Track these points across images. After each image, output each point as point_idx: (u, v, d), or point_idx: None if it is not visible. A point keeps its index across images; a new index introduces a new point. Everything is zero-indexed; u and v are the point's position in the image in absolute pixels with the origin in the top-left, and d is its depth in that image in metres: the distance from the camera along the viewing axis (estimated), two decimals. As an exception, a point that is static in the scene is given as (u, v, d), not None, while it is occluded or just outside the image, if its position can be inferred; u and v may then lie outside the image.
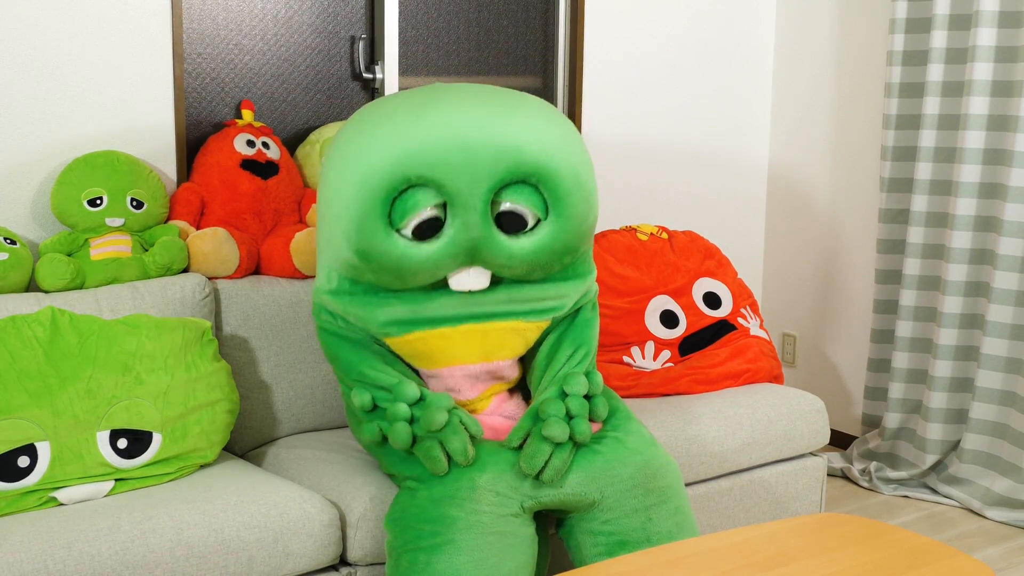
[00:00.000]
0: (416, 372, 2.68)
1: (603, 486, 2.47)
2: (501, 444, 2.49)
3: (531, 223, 2.48)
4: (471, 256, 2.46)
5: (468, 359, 2.55)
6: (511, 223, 2.47)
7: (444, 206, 2.42)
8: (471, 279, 2.51)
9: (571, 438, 2.45)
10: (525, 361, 2.74)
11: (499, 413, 2.64)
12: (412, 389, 2.43)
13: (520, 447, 2.46)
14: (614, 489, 2.48)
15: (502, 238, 2.46)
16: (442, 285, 2.54)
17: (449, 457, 2.41)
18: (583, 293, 2.67)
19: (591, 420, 2.52)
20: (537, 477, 2.42)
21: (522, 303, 2.57)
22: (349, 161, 2.44)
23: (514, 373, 2.67)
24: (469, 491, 2.36)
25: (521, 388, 2.77)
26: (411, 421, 2.42)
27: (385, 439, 2.51)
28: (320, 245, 2.59)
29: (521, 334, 2.59)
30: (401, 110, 2.44)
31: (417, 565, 2.33)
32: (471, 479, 2.37)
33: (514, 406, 2.66)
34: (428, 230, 2.42)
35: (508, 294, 2.55)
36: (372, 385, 2.52)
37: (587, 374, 2.57)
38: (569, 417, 2.45)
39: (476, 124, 2.40)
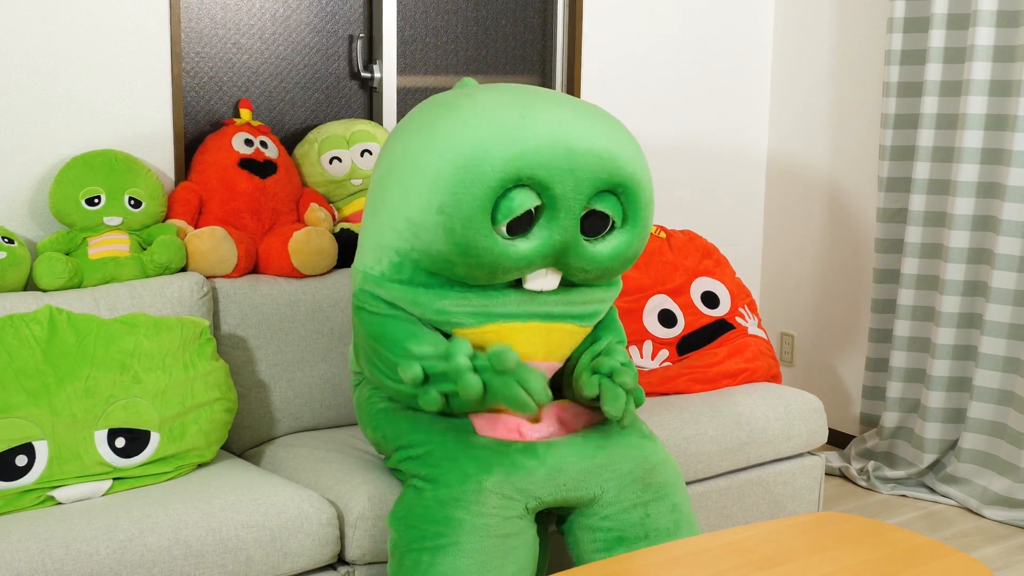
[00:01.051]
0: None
1: (603, 480, 2.49)
2: (511, 442, 2.47)
3: (606, 230, 2.56)
4: (557, 258, 2.51)
5: (535, 355, 2.58)
6: (593, 226, 2.53)
7: (539, 207, 2.46)
8: (547, 280, 2.55)
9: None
10: None
11: (553, 414, 2.64)
12: (466, 343, 2.41)
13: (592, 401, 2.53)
14: (614, 483, 2.49)
15: (584, 243, 2.52)
16: (513, 282, 2.57)
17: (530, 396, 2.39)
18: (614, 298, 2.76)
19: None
20: (620, 420, 2.46)
21: (575, 305, 2.61)
22: (452, 154, 2.40)
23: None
24: (476, 494, 2.36)
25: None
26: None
27: (447, 401, 2.47)
28: (379, 225, 2.54)
29: (573, 337, 2.63)
30: (503, 107, 2.46)
31: (420, 566, 2.33)
32: (478, 481, 2.37)
33: (548, 410, 2.66)
34: (521, 226, 2.46)
35: (566, 296, 2.60)
36: (421, 356, 2.47)
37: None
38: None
39: (578, 130, 2.46)
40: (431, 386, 2.44)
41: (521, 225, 2.44)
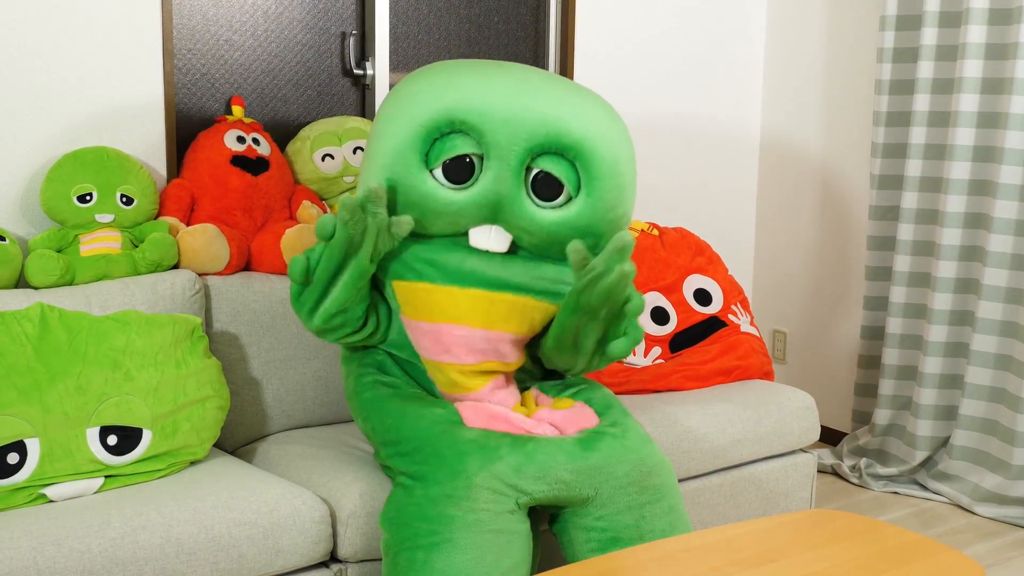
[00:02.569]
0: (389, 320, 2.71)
1: (598, 483, 2.47)
2: (500, 435, 2.47)
3: (563, 199, 2.55)
4: (495, 212, 2.54)
5: (468, 321, 2.58)
6: (544, 189, 2.54)
7: (481, 158, 2.52)
8: (491, 239, 2.57)
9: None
10: (530, 348, 2.75)
11: (492, 400, 2.63)
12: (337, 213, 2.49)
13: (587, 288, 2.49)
14: (608, 486, 2.48)
15: (529, 203, 2.54)
16: (462, 240, 2.59)
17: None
18: None
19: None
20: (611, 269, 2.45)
21: (537, 280, 2.61)
22: (400, 102, 2.54)
23: (513, 357, 2.66)
24: (466, 489, 2.36)
25: (516, 380, 2.77)
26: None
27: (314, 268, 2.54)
28: (360, 179, 2.66)
29: (528, 313, 2.61)
30: (465, 68, 2.56)
31: (415, 564, 2.33)
32: (468, 477, 2.37)
33: (507, 394, 2.65)
34: (459, 172, 2.51)
35: (526, 268, 2.60)
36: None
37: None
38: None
39: (531, 92, 2.51)
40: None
41: (460, 173, 2.51)
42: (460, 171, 2.51)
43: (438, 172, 2.52)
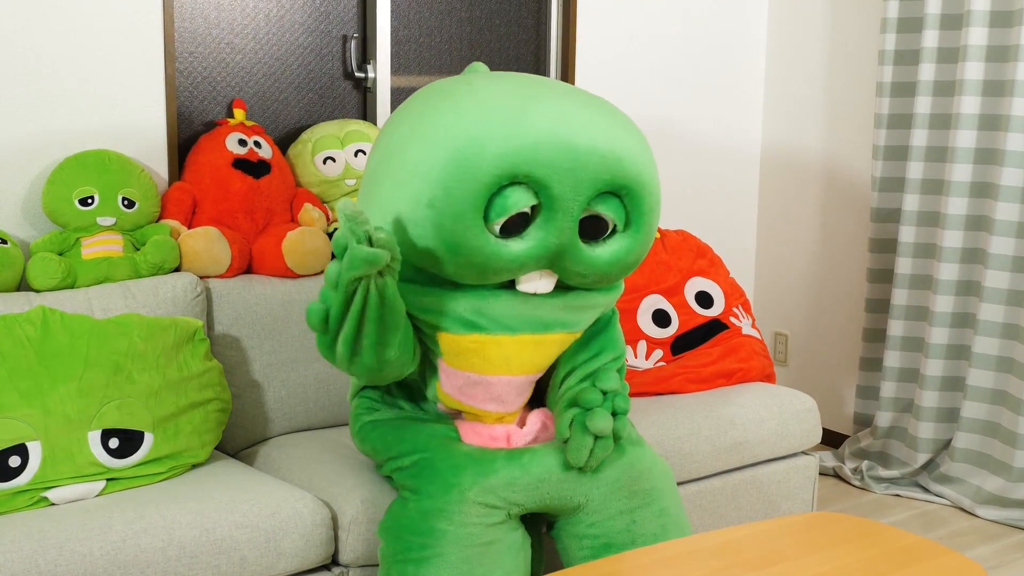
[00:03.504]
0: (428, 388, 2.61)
1: (588, 490, 2.46)
2: (495, 451, 2.46)
3: (607, 233, 2.44)
4: (553, 260, 2.39)
5: (517, 369, 2.50)
6: (593, 230, 2.41)
7: (535, 207, 2.34)
8: (541, 283, 2.44)
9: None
10: None
11: (529, 423, 2.61)
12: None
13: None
14: (599, 492, 2.46)
15: (583, 246, 2.40)
16: (507, 283, 2.45)
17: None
18: (613, 304, 2.66)
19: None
20: (581, 469, 2.42)
21: (571, 311, 2.51)
22: (444, 140, 2.29)
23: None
24: (458, 504, 2.35)
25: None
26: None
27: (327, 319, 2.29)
28: (370, 216, 2.43)
29: (562, 345, 2.55)
30: (504, 97, 2.33)
31: None
32: (460, 492, 2.36)
33: (535, 417, 2.64)
34: (516, 225, 2.34)
35: (562, 300, 2.49)
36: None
37: (619, 372, 2.58)
38: (613, 414, 2.43)
39: (583, 129, 2.32)
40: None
41: (516, 225, 2.33)
42: (518, 224, 2.33)
43: (496, 227, 2.31)
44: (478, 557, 2.34)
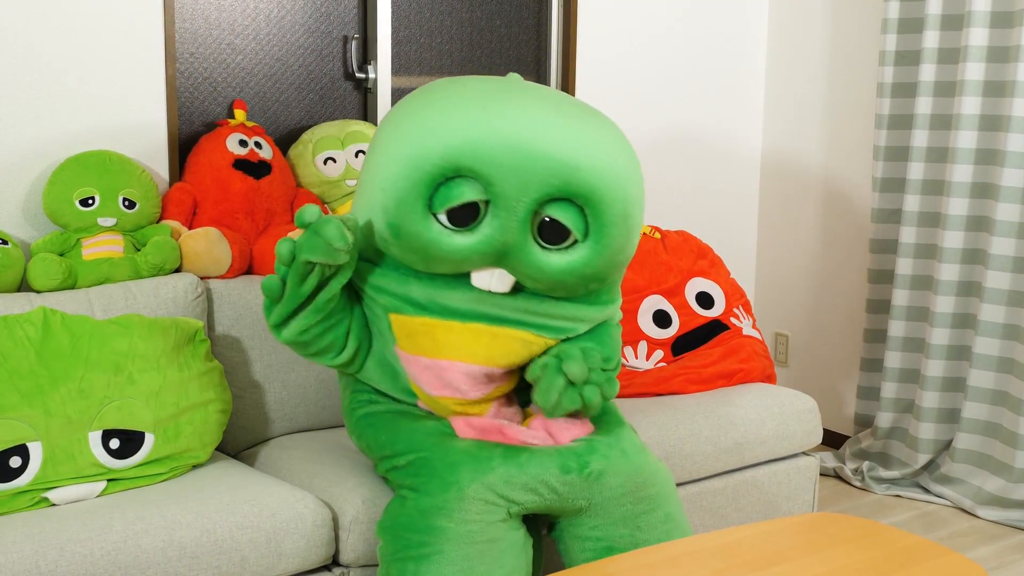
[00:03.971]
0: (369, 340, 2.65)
1: (591, 495, 2.45)
2: (492, 446, 2.47)
3: (568, 241, 2.43)
4: (500, 258, 2.42)
5: (470, 358, 2.51)
6: (551, 234, 2.41)
7: (487, 202, 2.38)
8: (494, 280, 2.46)
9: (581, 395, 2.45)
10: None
11: (500, 417, 2.61)
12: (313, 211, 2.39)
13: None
14: (602, 497, 2.46)
15: (535, 249, 2.41)
16: (463, 276, 2.49)
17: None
18: (602, 320, 2.62)
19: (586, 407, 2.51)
20: (550, 410, 2.43)
21: (536, 316, 2.52)
22: (404, 136, 2.39)
23: (513, 380, 2.64)
24: (457, 501, 2.35)
25: (518, 394, 2.75)
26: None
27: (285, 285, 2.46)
28: (358, 205, 2.55)
29: (527, 346, 2.54)
30: (468, 98, 2.39)
31: (406, 575, 2.33)
32: (459, 489, 2.36)
33: (512, 413, 2.64)
34: (464, 217, 2.38)
35: (525, 303, 2.51)
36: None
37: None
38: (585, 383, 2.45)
39: (540, 131, 2.35)
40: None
41: (466, 217, 2.38)
42: (466, 216, 2.38)
43: (443, 216, 2.38)
44: (479, 555, 2.34)
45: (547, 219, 2.40)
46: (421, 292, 2.48)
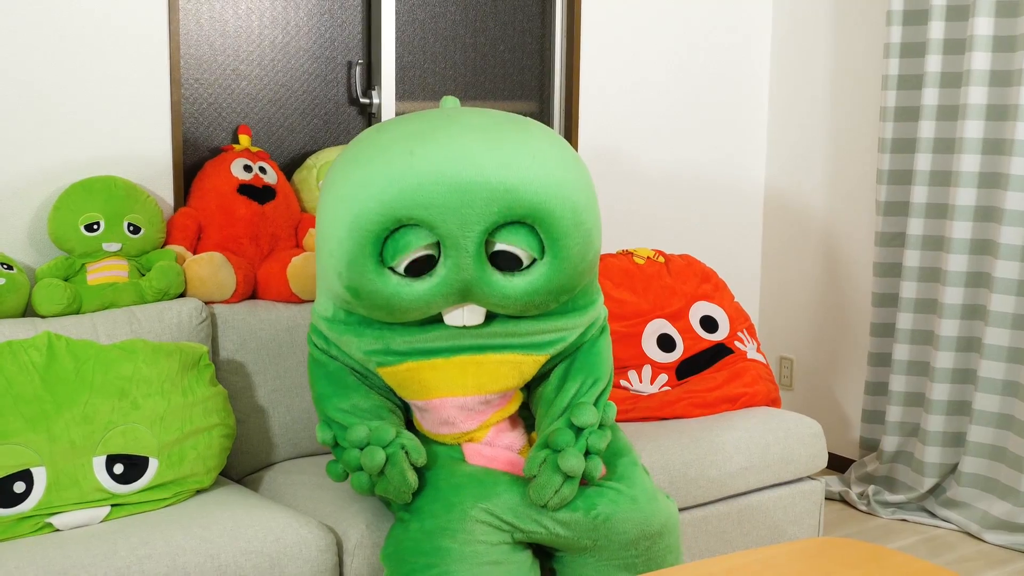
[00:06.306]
0: (407, 407, 2.66)
1: (596, 536, 2.43)
2: (498, 473, 2.46)
3: (526, 262, 2.42)
4: (464, 295, 2.41)
5: (460, 391, 2.51)
6: (506, 263, 2.40)
7: (438, 244, 2.37)
8: (465, 315, 2.46)
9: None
10: (530, 389, 2.70)
11: (497, 443, 2.60)
12: (359, 433, 2.41)
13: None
14: (608, 541, 2.44)
15: (496, 277, 2.40)
16: (437, 318, 2.50)
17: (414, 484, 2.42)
18: (588, 324, 2.61)
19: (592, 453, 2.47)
20: (544, 506, 2.40)
21: (519, 336, 2.51)
22: (341, 199, 2.38)
23: (511, 402, 2.64)
24: (461, 522, 2.35)
25: (524, 418, 2.74)
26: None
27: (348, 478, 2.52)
28: (319, 272, 2.56)
29: (517, 367, 2.54)
30: (394, 145, 2.37)
31: None
32: (463, 510, 2.36)
33: (514, 437, 2.62)
34: (421, 267, 2.38)
35: (504, 327, 2.50)
36: (336, 423, 2.53)
37: (597, 403, 2.55)
38: (585, 452, 2.41)
39: (470, 162, 2.32)
40: (339, 458, 2.49)
41: (424, 264, 2.37)
42: (420, 266, 2.38)
43: (399, 269, 2.38)
44: (486, 575, 2.33)
45: (498, 249, 2.39)
46: (400, 341, 2.49)
